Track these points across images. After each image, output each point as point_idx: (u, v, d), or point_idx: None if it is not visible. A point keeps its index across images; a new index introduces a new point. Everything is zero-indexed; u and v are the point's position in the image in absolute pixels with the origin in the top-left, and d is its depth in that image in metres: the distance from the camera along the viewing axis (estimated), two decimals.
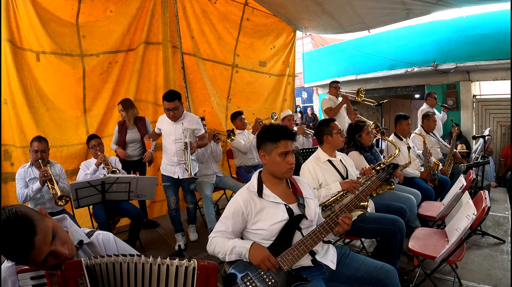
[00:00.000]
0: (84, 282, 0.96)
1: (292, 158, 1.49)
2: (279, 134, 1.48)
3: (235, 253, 1.40)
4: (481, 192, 2.14)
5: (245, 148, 3.70)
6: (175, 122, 2.85)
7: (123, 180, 2.40)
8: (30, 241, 0.88)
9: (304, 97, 11.99)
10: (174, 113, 2.75)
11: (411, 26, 6.51)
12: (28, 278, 0.95)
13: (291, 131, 1.52)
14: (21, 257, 0.89)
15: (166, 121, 2.89)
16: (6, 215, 0.88)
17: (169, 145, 2.90)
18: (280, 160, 1.47)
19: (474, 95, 6.23)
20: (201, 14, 4.19)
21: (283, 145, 1.47)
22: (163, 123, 2.93)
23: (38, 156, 2.59)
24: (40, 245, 0.90)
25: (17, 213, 0.89)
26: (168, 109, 2.73)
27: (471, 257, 2.57)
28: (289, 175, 1.53)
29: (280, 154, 1.47)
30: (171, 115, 2.77)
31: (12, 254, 0.90)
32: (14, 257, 0.91)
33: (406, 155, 3.14)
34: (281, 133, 1.48)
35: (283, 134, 1.48)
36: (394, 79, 7.17)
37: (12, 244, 0.87)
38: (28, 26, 2.99)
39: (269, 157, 1.50)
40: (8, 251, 0.89)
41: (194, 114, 3.02)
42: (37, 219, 0.92)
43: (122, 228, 3.31)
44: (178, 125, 2.85)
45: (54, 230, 0.96)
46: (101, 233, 1.21)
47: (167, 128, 2.89)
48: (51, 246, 0.93)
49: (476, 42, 5.58)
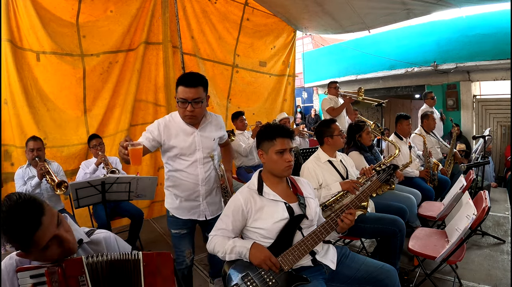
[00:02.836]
0: (84, 279, 0.95)
1: (290, 156, 1.49)
2: (275, 133, 1.49)
3: (235, 252, 1.40)
4: (481, 192, 2.14)
5: (245, 152, 3.71)
6: (199, 130, 1.80)
7: (123, 180, 2.40)
8: (37, 219, 0.90)
9: (304, 97, 11.98)
10: (194, 109, 1.69)
11: (411, 26, 6.52)
12: (28, 276, 0.94)
13: (287, 129, 1.52)
14: (26, 237, 0.89)
15: (179, 129, 1.78)
16: (15, 197, 0.90)
17: (189, 168, 1.81)
18: (277, 158, 1.48)
19: (474, 95, 6.24)
20: (201, 14, 4.18)
21: (279, 143, 1.48)
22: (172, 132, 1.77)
23: (34, 154, 2.63)
24: (47, 225, 0.91)
25: (25, 195, 0.92)
26: (185, 101, 1.67)
27: (471, 257, 2.57)
28: (287, 173, 1.52)
29: (276, 152, 1.48)
30: (190, 112, 1.70)
31: (18, 233, 0.89)
32: (19, 237, 0.89)
33: (406, 154, 3.15)
34: (277, 131, 1.50)
35: (279, 132, 1.49)
36: (394, 79, 7.17)
37: (19, 222, 0.88)
38: (28, 26, 2.99)
39: (266, 156, 1.51)
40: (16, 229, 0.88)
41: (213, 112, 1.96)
42: (45, 202, 0.96)
43: (122, 228, 3.31)
44: (205, 134, 1.83)
45: (60, 216, 0.99)
46: (103, 232, 1.21)
47: (185, 141, 1.78)
48: (56, 230, 0.95)
49: (476, 42, 5.58)
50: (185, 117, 1.75)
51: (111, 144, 3.49)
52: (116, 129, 3.55)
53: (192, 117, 1.74)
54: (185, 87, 1.67)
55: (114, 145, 3.52)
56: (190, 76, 1.72)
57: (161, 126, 1.76)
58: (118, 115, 3.55)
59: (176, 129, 1.77)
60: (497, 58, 5.35)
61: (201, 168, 1.82)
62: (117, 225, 3.36)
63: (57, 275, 0.92)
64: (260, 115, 4.87)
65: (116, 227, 3.33)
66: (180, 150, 1.77)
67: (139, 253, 1.06)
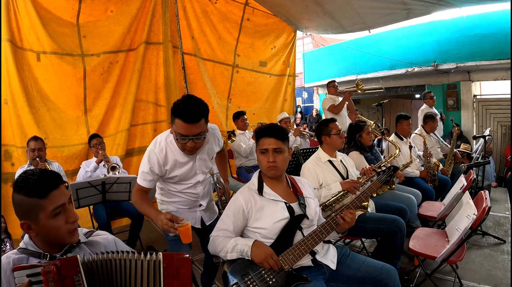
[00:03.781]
0: (80, 279, 0.95)
1: (272, 157, 1.46)
2: (262, 132, 1.50)
3: (236, 251, 1.39)
4: (481, 192, 2.14)
5: (245, 153, 3.70)
6: (198, 154, 1.69)
7: (124, 180, 2.41)
8: (57, 183, 1.02)
9: (304, 97, 11.97)
10: (196, 144, 1.55)
11: (411, 26, 6.51)
12: (24, 275, 0.94)
13: (276, 129, 1.50)
14: (44, 191, 0.99)
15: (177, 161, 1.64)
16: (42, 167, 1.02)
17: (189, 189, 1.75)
18: (261, 157, 1.50)
19: (474, 95, 6.23)
20: (201, 14, 4.19)
21: (262, 142, 1.49)
22: (170, 163, 1.63)
23: (35, 154, 2.64)
24: (62, 190, 1.03)
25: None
26: (185, 137, 1.50)
27: (472, 257, 2.57)
28: (270, 173, 1.50)
29: (260, 151, 1.50)
30: (191, 147, 1.55)
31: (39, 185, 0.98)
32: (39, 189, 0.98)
33: (407, 154, 3.15)
34: (263, 131, 1.50)
35: (265, 132, 1.49)
36: (395, 79, 7.17)
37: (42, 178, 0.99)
38: (28, 26, 2.99)
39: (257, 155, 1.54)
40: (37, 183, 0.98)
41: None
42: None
43: (122, 228, 3.31)
44: (204, 156, 1.72)
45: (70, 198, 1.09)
46: (102, 233, 1.21)
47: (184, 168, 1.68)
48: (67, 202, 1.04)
49: (477, 42, 5.58)
50: (184, 151, 1.61)
51: (111, 144, 3.49)
52: (116, 129, 3.55)
53: (193, 150, 1.59)
54: (185, 123, 1.45)
55: (114, 145, 3.53)
56: (191, 110, 1.44)
57: (160, 161, 1.60)
58: (119, 115, 3.55)
59: (174, 161, 1.63)
60: (497, 58, 5.34)
61: (200, 186, 1.76)
62: (117, 225, 3.36)
63: (52, 274, 0.91)
64: (260, 115, 4.88)
65: (117, 227, 3.32)
66: (180, 177, 1.69)
67: (159, 253, 1.04)
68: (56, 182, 1.02)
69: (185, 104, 1.45)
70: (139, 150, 3.77)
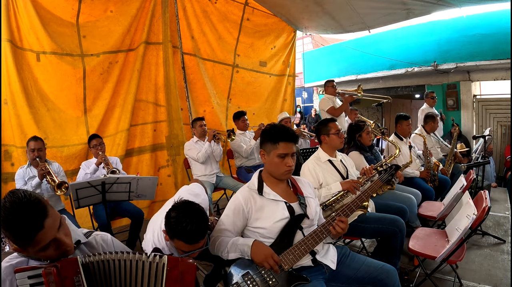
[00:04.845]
0: (80, 279, 0.95)
1: (291, 161, 1.47)
2: (279, 136, 1.46)
3: (236, 251, 1.39)
4: (481, 192, 2.14)
5: (246, 153, 3.70)
6: None
7: (124, 180, 2.40)
8: (41, 221, 0.92)
9: (304, 97, 11.99)
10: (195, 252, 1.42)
11: (411, 26, 6.51)
12: (26, 277, 0.94)
13: (293, 133, 1.48)
14: (28, 236, 0.91)
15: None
16: (20, 195, 0.92)
17: None
18: (278, 162, 1.46)
19: (474, 95, 6.24)
20: (201, 14, 4.19)
21: (281, 147, 1.45)
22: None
23: (35, 154, 2.63)
24: (49, 227, 0.93)
25: (31, 195, 0.94)
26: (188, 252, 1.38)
27: (472, 257, 2.57)
28: (286, 177, 1.52)
29: (278, 156, 1.46)
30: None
31: (21, 231, 0.90)
32: (21, 235, 0.91)
33: (407, 154, 3.14)
34: (281, 134, 1.46)
35: (283, 136, 1.46)
36: (394, 79, 7.17)
37: (23, 221, 0.90)
38: (28, 26, 2.99)
39: (268, 157, 1.50)
40: (18, 228, 0.90)
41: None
42: (48, 204, 0.97)
43: (122, 228, 3.31)
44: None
45: (61, 219, 1.01)
46: (99, 234, 1.21)
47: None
48: (57, 233, 0.96)
49: (476, 42, 5.58)
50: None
51: (111, 144, 3.49)
52: (116, 129, 3.55)
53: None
54: (188, 244, 1.33)
55: (114, 145, 3.52)
56: (194, 231, 1.30)
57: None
58: (118, 115, 3.54)
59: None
60: (497, 58, 5.34)
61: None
62: (117, 225, 3.36)
63: (53, 275, 0.92)
64: (260, 115, 4.88)
65: (116, 227, 3.32)
66: None
67: (164, 256, 1.04)
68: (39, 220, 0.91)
69: (187, 224, 1.29)
70: (139, 150, 3.77)
